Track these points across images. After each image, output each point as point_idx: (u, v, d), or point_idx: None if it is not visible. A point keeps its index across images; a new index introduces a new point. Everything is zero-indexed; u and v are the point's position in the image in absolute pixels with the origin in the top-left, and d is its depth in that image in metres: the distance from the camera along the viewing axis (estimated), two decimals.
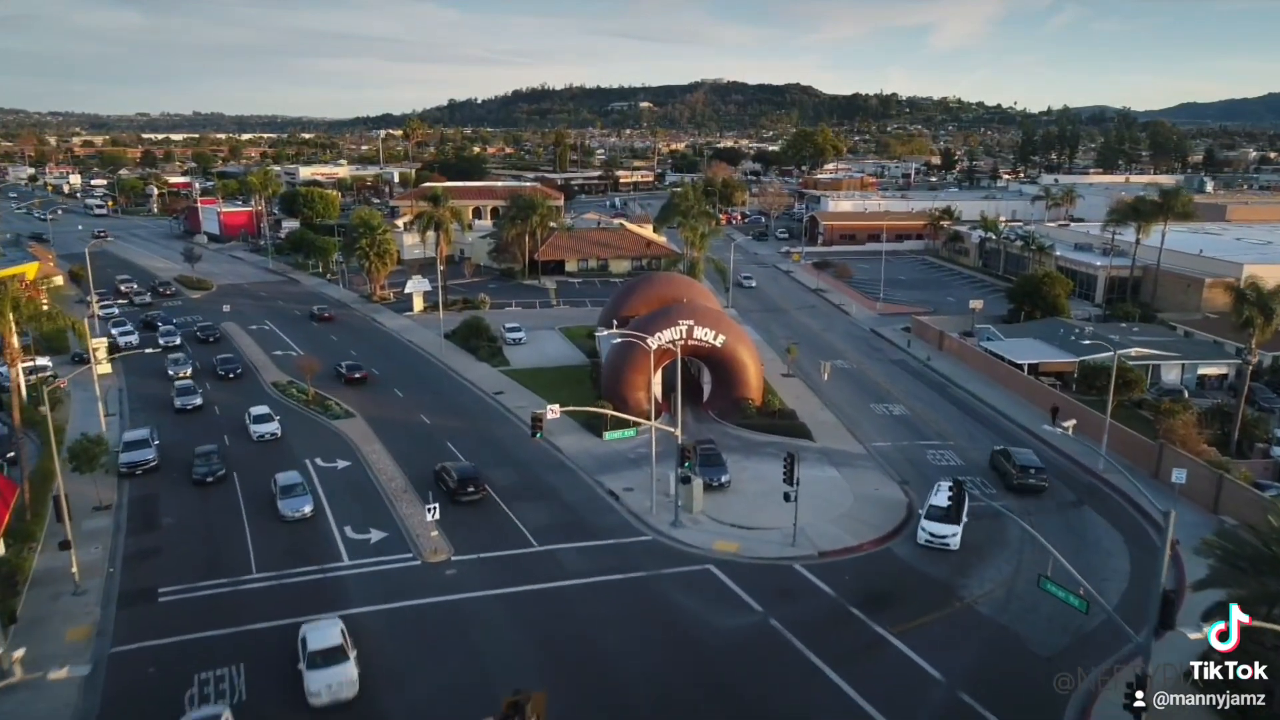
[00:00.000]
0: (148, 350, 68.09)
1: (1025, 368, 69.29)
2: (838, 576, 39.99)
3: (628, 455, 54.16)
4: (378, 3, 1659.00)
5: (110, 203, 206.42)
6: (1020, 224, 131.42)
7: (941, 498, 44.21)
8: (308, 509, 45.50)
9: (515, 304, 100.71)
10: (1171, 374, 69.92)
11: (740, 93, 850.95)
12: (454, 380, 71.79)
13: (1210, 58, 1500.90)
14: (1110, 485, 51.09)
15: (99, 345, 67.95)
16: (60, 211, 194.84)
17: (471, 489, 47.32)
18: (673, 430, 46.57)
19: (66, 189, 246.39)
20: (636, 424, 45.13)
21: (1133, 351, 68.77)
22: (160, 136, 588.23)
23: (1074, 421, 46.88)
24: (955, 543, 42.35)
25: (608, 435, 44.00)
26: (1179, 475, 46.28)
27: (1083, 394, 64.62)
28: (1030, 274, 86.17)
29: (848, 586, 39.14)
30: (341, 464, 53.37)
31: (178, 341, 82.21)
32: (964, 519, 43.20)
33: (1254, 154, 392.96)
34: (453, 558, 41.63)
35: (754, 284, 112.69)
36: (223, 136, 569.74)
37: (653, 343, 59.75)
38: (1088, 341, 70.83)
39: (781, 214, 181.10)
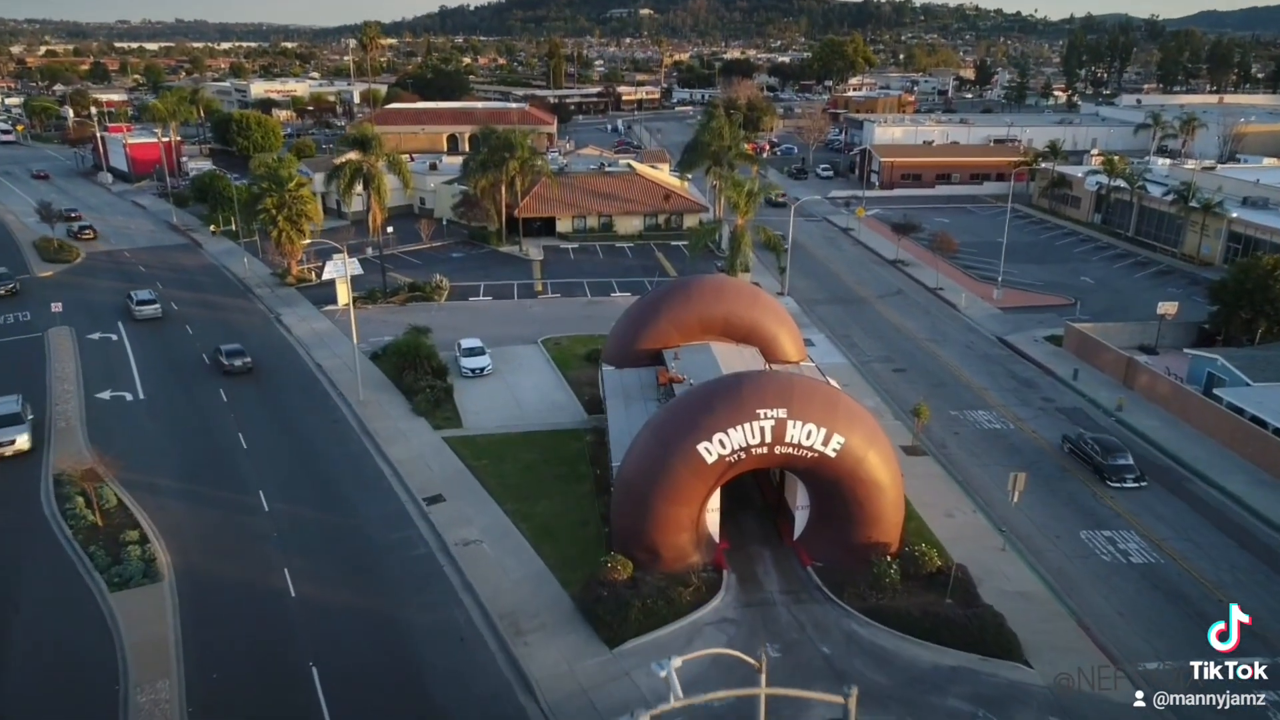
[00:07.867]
0: None
1: None
2: None
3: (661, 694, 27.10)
4: None
5: (19, 127, 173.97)
6: (1131, 161, 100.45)
7: None
8: None
9: (484, 289, 72.04)
10: None
11: None
12: (369, 464, 43.67)
13: None
14: None
15: None
16: None
17: None
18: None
19: None
20: None
21: None
22: (134, 45, 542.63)
23: None
24: None
25: None
26: None
27: None
28: (1251, 261, 57.02)
29: None
30: None
31: None
32: None
33: None
34: None
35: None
36: (199, 45, 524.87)
37: (709, 453, 31.87)
38: None
39: (820, 144, 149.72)
